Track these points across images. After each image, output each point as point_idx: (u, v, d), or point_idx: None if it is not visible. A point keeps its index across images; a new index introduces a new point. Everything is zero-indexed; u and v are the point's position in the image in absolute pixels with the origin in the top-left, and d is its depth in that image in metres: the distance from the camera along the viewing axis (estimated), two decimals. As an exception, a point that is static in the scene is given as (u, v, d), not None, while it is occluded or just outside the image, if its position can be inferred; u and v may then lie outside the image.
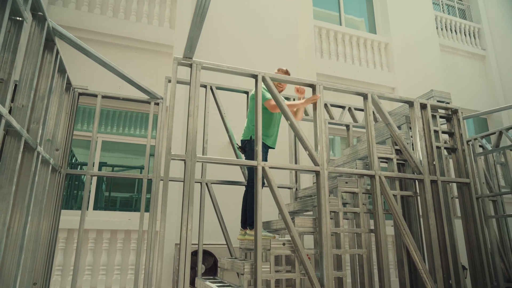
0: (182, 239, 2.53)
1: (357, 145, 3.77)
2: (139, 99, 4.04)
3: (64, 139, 3.53)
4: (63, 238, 4.50)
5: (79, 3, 5.51)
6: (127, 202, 5.51)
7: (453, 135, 3.95)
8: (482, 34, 9.25)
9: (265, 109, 3.45)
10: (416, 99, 3.70)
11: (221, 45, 6.06)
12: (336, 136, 6.99)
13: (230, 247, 3.90)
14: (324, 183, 2.96)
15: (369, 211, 3.30)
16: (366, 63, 7.40)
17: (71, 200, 5.13)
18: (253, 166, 2.83)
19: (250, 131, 3.59)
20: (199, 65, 2.88)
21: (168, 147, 2.68)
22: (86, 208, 3.57)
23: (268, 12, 6.65)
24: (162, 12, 5.99)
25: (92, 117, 5.29)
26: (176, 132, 5.05)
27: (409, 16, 8.16)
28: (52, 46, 2.68)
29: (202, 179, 3.90)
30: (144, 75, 5.41)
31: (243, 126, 4.57)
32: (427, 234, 3.37)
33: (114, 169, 5.54)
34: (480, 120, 8.68)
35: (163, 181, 2.63)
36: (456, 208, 5.20)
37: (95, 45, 5.39)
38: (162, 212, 2.58)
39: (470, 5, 9.69)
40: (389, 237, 5.52)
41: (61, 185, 3.53)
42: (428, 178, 3.46)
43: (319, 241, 2.88)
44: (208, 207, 4.10)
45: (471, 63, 8.88)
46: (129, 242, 4.80)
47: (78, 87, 3.76)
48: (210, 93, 4.12)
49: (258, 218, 2.71)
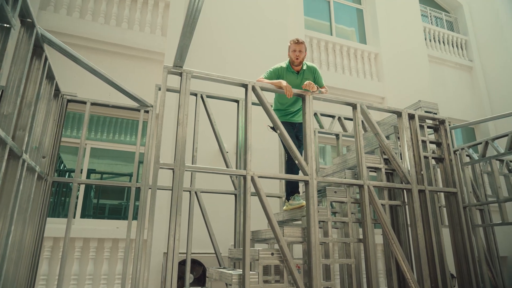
0: (170, 248, 2.51)
1: (346, 154, 3.80)
2: (128, 106, 4.02)
3: (51, 146, 3.48)
4: (49, 247, 4.42)
5: (71, 9, 5.49)
6: (116, 210, 5.44)
7: (440, 145, 4.00)
8: (469, 45, 9.47)
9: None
10: (404, 109, 3.75)
11: (212, 53, 6.08)
12: (327, 145, 7.03)
13: (219, 257, 3.87)
14: (313, 192, 2.97)
15: (357, 221, 3.31)
16: (357, 73, 7.49)
17: (59, 208, 5.05)
18: (241, 175, 2.83)
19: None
20: (189, 74, 2.89)
21: (157, 155, 2.67)
22: (72, 216, 3.52)
23: (259, 21, 6.71)
24: (154, 20, 6.00)
25: (82, 124, 5.24)
26: (166, 140, 5.02)
27: (398, 27, 8.30)
28: (40, 52, 2.66)
29: (191, 188, 3.88)
30: (135, 82, 5.40)
31: (233, 134, 4.58)
32: (415, 243, 3.39)
33: (103, 176, 5.47)
34: (468, 130, 8.82)
35: (151, 190, 2.61)
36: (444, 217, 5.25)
37: (86, 51, 5.36)
38: (150, 220, 2.56)
39: (457, 18, 9.91)
40: (378, 246, 5.54)
41: (47, 193, 3.47)
42: (416, 188, 3.49)
43: (308, 251, 2.88)
44: (197, 215, 4.07)
45: (458, 73, 9.05)
46: (117, 251, 4.73)
47: (67, 94, 3.73)
48: (201, 101, 4.11)
49: (247, 228, 2.70)
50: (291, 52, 3.56)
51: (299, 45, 3.52)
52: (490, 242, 4.93)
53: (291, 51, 3.56)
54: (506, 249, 7.48)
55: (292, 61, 3.58)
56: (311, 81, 3.39)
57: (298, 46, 3.52)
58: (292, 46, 3.55)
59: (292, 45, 3.55)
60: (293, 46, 3.53)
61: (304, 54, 3.57)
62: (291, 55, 3.57)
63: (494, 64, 9.08)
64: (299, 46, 3.52)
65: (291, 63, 3.61)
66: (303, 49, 3.54)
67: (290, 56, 3.58)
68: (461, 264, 3.65)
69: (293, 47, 3.53)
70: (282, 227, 2.94)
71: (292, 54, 3.56)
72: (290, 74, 3.60)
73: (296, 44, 3.52)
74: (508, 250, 7.57)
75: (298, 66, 3.60)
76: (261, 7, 6.82)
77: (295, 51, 3.53)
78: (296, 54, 3.53)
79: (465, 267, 3.61)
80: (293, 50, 3.53)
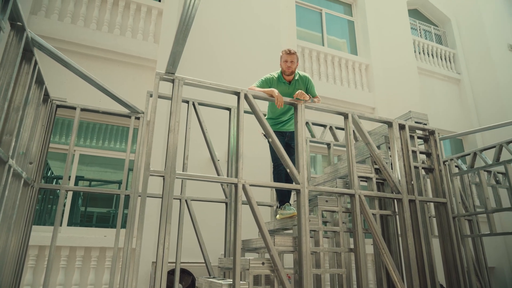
0: (159, 256, 2.46)
1: (337, 163, 3.80)
2: (119, 112, 3.98)
3: (39, 152, 3.42)
4: (34, 255, 4.30)
5: (62, 14, 5.45)
6: (105, 218, 5.34)
7: (430, 155, 4.04)
8: (457, 58, 9.68)
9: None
10: (395, 119, 3.79)
11: (205, 62, 6.09)
12: (318, 154, 7.05)
13: (209, 266, 3.81)
14: (305, 201, 2.96)
15: (349, 230, 3.30)
16: (348, 83, 7.57)
17: (45, 215, 4.93)
18: (233, 183, 2.81)
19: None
20: (181, 81, 2.88)
21: (147, 162, 2.63)
22: (59, 224, 3.44)
23: (253, 31, 6.76)
24: (146, 27, 5.99)
25: (71, 130, 5.16)
26: (157, 148, 4.98)
27: (389, 39, 8.45)
28: (30, 56, 2.62)
29: (181, 196, 3.83)
30: (126, 89, 5.36)
31: (225, 142, 4.55)
32: (405, 253, 3.39)
33: (91, 183, 5.38)
34: (456, 141, 8.95)
35: (141, 197, 2.57)
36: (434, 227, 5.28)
37: (78, 57, 5.32)
38: (139, 229, 2.51)
39: (445, 31, 10.14)
40: (369, 256, 5.53)
41: (34, 200, 3.39)
42: (407, 198, 3.51)
43: (299, 261, 2.85)
44: (187, 224, 4.02)
45: (447, 86, 9.23)
46: (104, 260, 4.62)
47: (56, 99, 3.68)
48: (192, 108, 4.10)
49: (238, 237, 2.67)
50: (282, 62, 3.57)
51: (290, 56, 3.53)
52: (479, 253, 4.97)
53: (282, 61, 3.57)
54: (494, 260, 7.54)
55: (284, 71, 3.60)
56: (303, 91, 3.40)
57: (290, 57, 3.53)
58: (283, 56, 3.55)
59: (283, 55, 3.56)
60: (285, 56, 3.54)
61: (295, 65, 3.58)
62: (283, 65, 3.58)
63: (481, 77, 9.29)
64: (291, 56, 3.53)
65: (283, 73, 3.62)
66: (295, 59, 3.55)
67: (282, 66, 3.59)
68: (451, 275, 3.66)
69: (284, 58, 3.54)
70: (273, 236, 2.92)
71: (283, 64, 3.57)
72: (282, 85, 3.60)
73: (288, 54, 3.53)
74: (496, 261, 7.64)
75: (290, 76, 3.61)
76: (255, 18, 6.88)
77: (287, 62, 3.54)
78: (287, 64, 3.54)
79: (454, 278, 3.62)
80: (285, 61, 3.54)
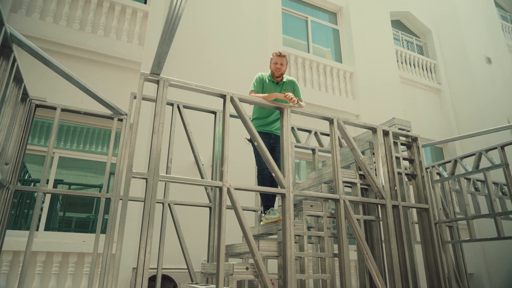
0: (140, 262, 2.38)
1: (322, 169, 3.81)
2: (102, 114, 3.88)
3: (15, 153, 3.29)
4: (7, 261, 4.12)
5: (44, 13, 5.32)
6: (84, 223, 5.18)
7: (413, 161, 4.09)
8: (437, 69, 9.95)
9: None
10: (379, 126, 3.83)
11: (190, 65, 6.04)
12: (302, 160, 7.07)
13: (191, 272, 3.73)
14: (290, 206, 2.93)
15: (333, 235, 3.30)
16: (332, 90, 7.66)
17: (21, 220, 4.74)
18: (217, 187, 2.76)
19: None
20: (166, 82, 2.83)
21: (130, 164, 2.56)
22: (35, 228, 3.30)
23: (240, 35, 6.76)
24: (131, 29, 5.91)
25: (50, 132, 5.01)
26: (140, 151, 4.88)
27: (373, 48, 8.61)
28: (8, 53, 2.53)
29: (164, 200, 3.75)
30: (109, 90, 5.25)
31: (209, 147, 4.50)
32: (389, 258, 3.40)
33: (71, 187, 5.22)
34: (437, 149, 9.16)
35: (122, 200, 2.49)
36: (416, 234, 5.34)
37: (60, 57, 5.19)
38: (120, 233, 2.43)
39: (426, 42, 10.42)
40: (352, 261, 5.55)
41: (9, 202, 3.25)
42: (390, 203, 3.54)
43: (283, 266, 2.82)
44: (170, 229, 3.93)
45: (428, 95, 9.46)
46: (82, 266, 4.47)
47: (36, 98, 3.56)
48: (177, 111, 4.04)
49: (222, 241, 2.62)
50: (272, 63, 3.61)
51: (281, 58, 3.57)
52: (459, 259, 5.05)
53: (272, 63, 3.61)
54: (472, 266, 7.70)
55: (273, 73, 3.65)
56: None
57: (280, 59, 3.57)
58: (274, 58, 3.60)
59: (274, 57, 3.60)
60: (275, 58, 3.59)
61: (285, 67, 3.63)
62: (272, 67, 3.62)
63: (460, 87, 9.57)
64: (281, 59, 3.58)
65: (272, 75, 3.66)
66: (285, 62, 3.60)
67: (271, 67, 3.64)
68: (433, 280, 3.69)
69: (275, 59, 3.59)
70: (257, 241, 2.88)
71: (273, 66, 3.61)
72: (271, 84, 3.66)
73: (278, 57, 3.57)
74: (475, 267, 7.80)
75: (278, 78, 3.67)
76: (241, 24, 6.90)
77: (277, 64, 3.58)
78: (277, 66, 3.59)
79: (436, 283, 3.65)
80: (275, 62, 3.59)
